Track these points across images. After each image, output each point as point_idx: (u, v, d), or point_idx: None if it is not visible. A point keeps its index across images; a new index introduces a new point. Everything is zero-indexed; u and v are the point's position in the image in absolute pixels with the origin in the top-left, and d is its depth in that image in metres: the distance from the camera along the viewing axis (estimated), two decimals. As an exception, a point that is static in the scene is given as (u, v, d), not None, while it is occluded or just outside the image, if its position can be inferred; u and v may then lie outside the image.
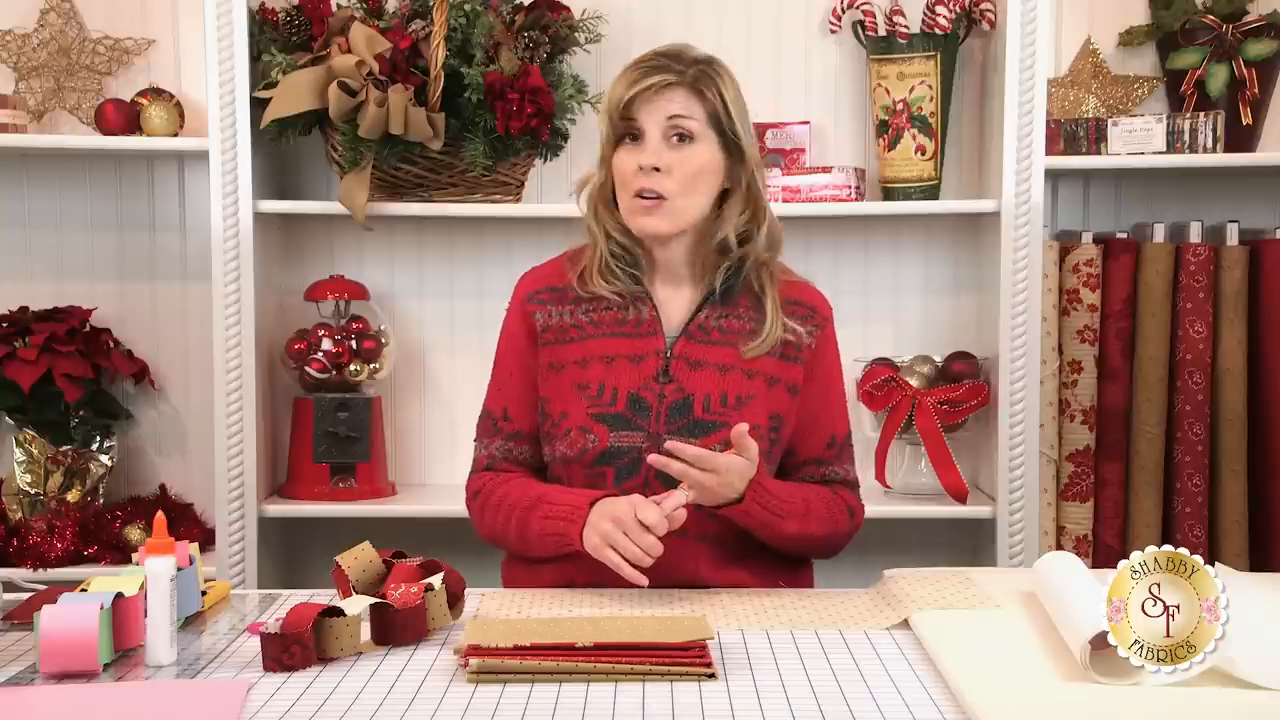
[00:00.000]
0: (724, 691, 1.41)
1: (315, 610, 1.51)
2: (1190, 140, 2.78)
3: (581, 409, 1.92)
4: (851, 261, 2.98)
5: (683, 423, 1.91)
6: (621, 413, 1.91)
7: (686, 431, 1.89)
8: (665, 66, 1.91)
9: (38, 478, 2.79)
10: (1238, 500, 2.79)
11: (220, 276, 2.68)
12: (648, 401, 1.92)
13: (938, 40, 2.81)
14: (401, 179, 2.74)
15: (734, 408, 1.91)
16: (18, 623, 1.67)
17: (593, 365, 1.94)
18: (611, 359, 1.94)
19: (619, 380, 1.93)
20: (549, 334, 1.98)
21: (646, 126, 1.91)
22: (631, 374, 1.93)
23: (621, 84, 1.91)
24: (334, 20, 2.73)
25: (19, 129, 2.78)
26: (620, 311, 1.96)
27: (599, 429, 1.91)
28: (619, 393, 1.92)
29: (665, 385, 1.93)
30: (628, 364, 1.94)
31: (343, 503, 2.77)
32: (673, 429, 1.90)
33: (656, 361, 1.94)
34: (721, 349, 1.94)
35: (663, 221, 1.91)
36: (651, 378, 1.93)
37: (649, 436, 1.90)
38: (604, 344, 1.95)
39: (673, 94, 1.90)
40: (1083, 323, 2.81)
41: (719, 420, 1.90)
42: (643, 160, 1.89)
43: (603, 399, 1.92)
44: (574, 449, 1.92)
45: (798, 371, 1.97)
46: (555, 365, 1.97)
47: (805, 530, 1.91)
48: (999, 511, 2.72)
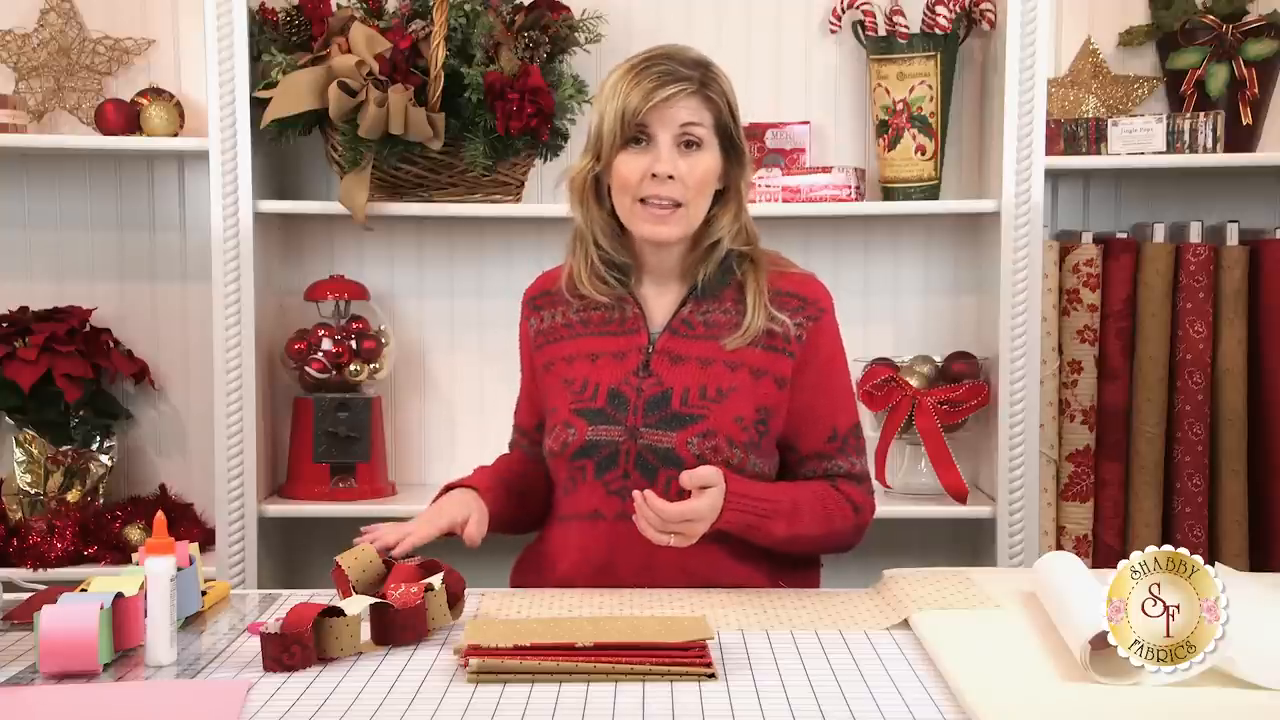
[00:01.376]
0: (724, 691, 1.41)
1: (315, 610, 1.51)
2: (1190, 140, 2.78)
3: (566, 404, 1.97)
4: (851, 261, 2.98)
5: (660, 416, 1.92)
6: (601, 407, 1.94)
7: (664, 425, 1.91)
8: (675, 73, 1.91)
9: (38, 478, 2.79)
10: (1238, 500, 2.79)
11: (220, 276, 2.68)
12: (626, 395, 1.94)
13: (938, 40, 2.81)
14: (401, 179, 2.74)
15: (713, 400, 1.92)
16: (18, 623, 1.67)
17: (578, 362, 1.98)
18: (596, 356, 1.98)
19: (601, 376, 1.96)
20: (541, 337, 2.04)
21: (658, 134, 1.91)
22: (613, 370, 1.96)
23: (636, 92, 1.89)
24: (334, 20, 2.73)
25: (19, 129, 2.78)
26: (607, 311, 2.00)
27: (579, 423, 1.94)
28: (600, 388, 1.95)
29: (644, 380, 1.94)
30: (611, 360, 1.97)
31: (343, 503, 2.77)
32: (650, 422, 1.92)
33: (638, 357, 1.96)
34: (704, 343, 1.96)
35: (674, 229, 1.93)
36: (632, 372, 1.95)
37: (627, 430, 1.92)
38: (591, 342, 1.99)
39: (685, 102, 1.91)
40: (1083, 323, 2.81)
41: (696, 413, 1.91)
42: (657, 169, 1.90)
43: (585, 394, 1.96)
44: (556, 443, 1.97)
45: (785, 364, 1.95)
46: (548, 365, 2.02)
47: (796, 531, 1.90)
48: (999, 511, 2.72)
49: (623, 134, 1.91)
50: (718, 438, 1.90)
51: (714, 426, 1.90)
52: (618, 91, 1.91)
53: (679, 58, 1.93)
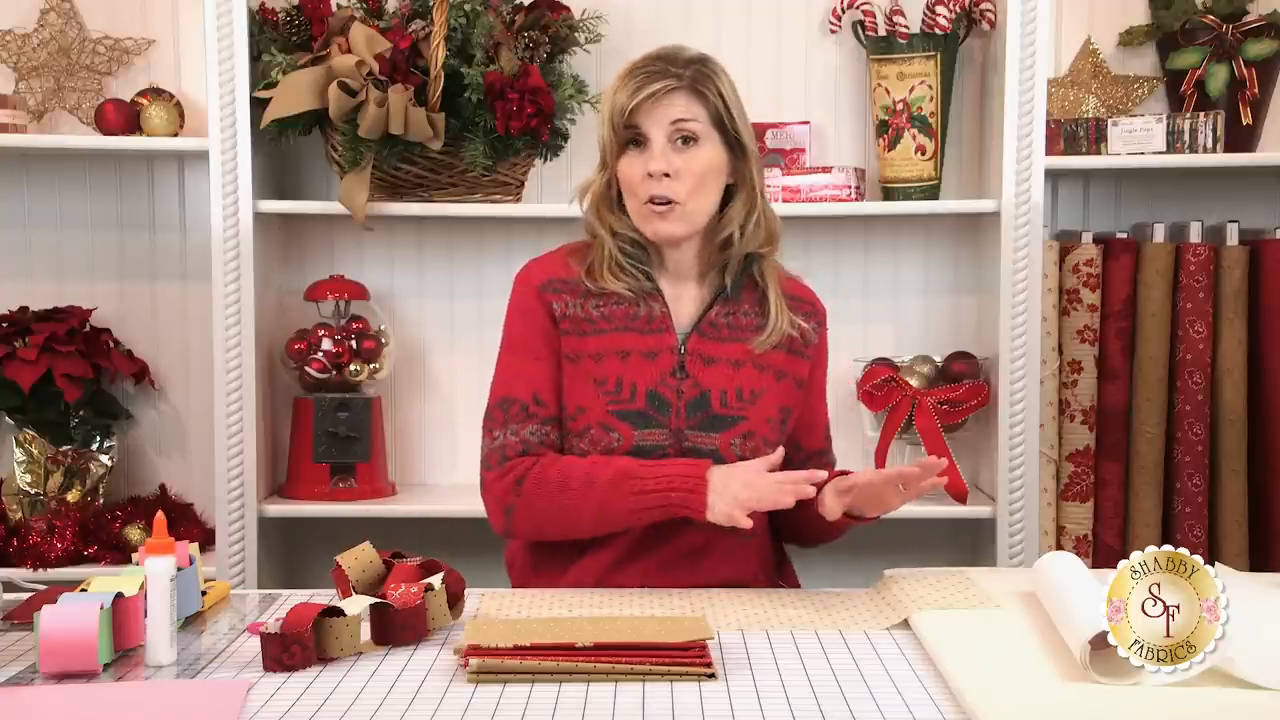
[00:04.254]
0: (724, 691, 1.41)
1: (315, 610, 1.51)
2: (1190, 140, 2.78)
3: (601, 406, 1.93)
4: (851, 261, 2.98)
5: (701, 418, 1.93)
6: (642, 410, 1.93)
7: (706, 427, 1.93)
8: (663, 71, 1.91)
9: (38, 478, 2.79)
10: (1238, 500, 2.79)
11: (220, 276, 2.68)
12: (666, 398, 1.93)
13: (938, 40, 2.81)
14: (401, 179, 2.74)
15: (748, 402, 1.95)
16: (18, 623, 1.67)
17: (608, 360, 1.94)
18: (626, 354, 1.95)
19: (636, 376, 1.94)
20: (566, 323, 1.95)
21: (650, 132, 1.91)
22: (648, 370, 1.94)
23: (623, 92, 1.91)
24: (334, 20, 2.73)
25: (19, 129, 2.78)
26: (632, 307, 1.97)
27: (622, 427, 1.92)
28: (637, 389, 1.93)
29: (682, 381, 1.94)
30: (642, 360, 1.95)
31: (343, 503, 2.77)
32: (692, 424, 1.93)
33: (672, 358, 1.95)
34: (732, 345, 1.97)
35: (676, 225, 1.93)
36: (668, 374, 1.95)
37: (670, 433, 1.92)
38: (618, 339, 1.95)
39: (674, 98, 1.91)
40: (1083, 323, 2.81)
41: (735, 414, 1.94)
42: (651, 167, 1.90)
43: (621, 395, 1.93)
44: (596, 446, 1.91)
45: (804, 366, 2.02)
46: (571, 356, 1.95)
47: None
48: (999, 511, 2.72)
49: (619, 137, 1.92)
50: (756, 438, 1.94)
51: (752, 427, 1.94)
52: (610, 97, 1.93)
53: (671, 57, 1.94)
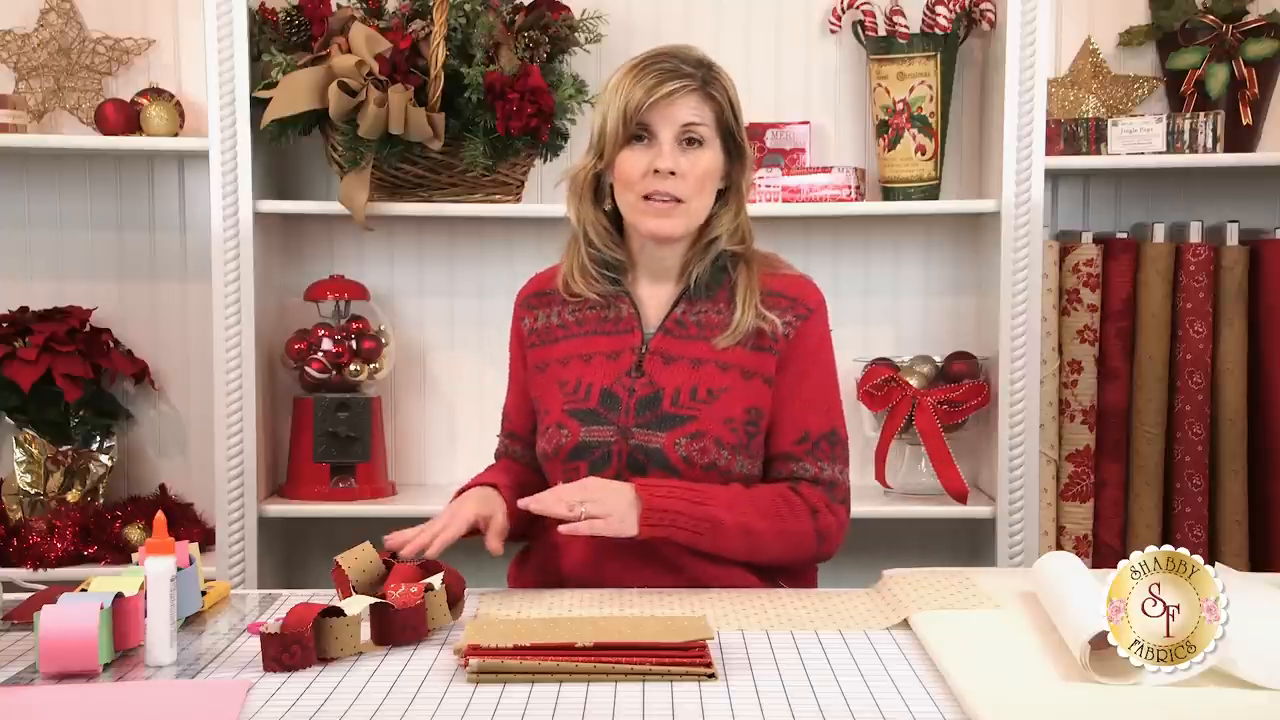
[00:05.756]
0: (724, 691, 1.40)
1: (315, 610, 1.51)
2: (1190, 140, 2.78)
3: (559, 405, 1.97)
4: (851, 261, 2.98)
5: (650, 417, 1.92)
6: (593, 408, 1.94)
7: (655, 425, 1.91)
8: (676, 70, 1.92)
9: (38, 478, 2.79)
10: (1238, 500, 2.79)
11: (220, 276, 2.68)
12: (618, 395, 1.94)
13: (938, 40, 2.81)
14: (401, 179, 2.74)
15: (703, 401, 1.92)
16: (18, 623, 1.67)
17: (572, 363, 1.99)
18: (589, 356, 1.98)
19: (594, 376, 1.96)
20: (534, 337, 2.04)
21: (660, 131, 1.92)
22: (607, 370, 1.96)
23: (638, 88, 1.90)
24: (334, 20, 2.73)
25: (19, 129, 2.78)
26: (602, 310, 2.00)
27: (571, 424, 1.95)
28: (593, 388, 1.96)
29: (636, 380, 1.95)
30: (604, 360, 1.97)
31: (343, 503, 2.77)
32: (641, 422, 1.92)
33: (631, 357, 1.96)
34: (697, 343, 1.96)
35: (677, 224, 1.93)
36: (625, 372, 1.96)
37: (618, 430, 1.93)
38: (585, 342, 1.99)
39: (687, 99, 1.92)
40: (1083, 323, 2.81)
41: (686, 414, 1.91)
42: (659, 164, 1.90)
43: (577, 395, 1.96)
44: (550, 444, 1.97)
45: (771, 362, 1.94)
46: (540, 365, 2.02)
47: (743, 520, 1.86)
48: (999, 511, 2.72)
49: (625, 131, 1.92)
50: (706, 439, 1.90)
51: (703, 427, 1.90)
52: (620, 89, 1.92)
53: (682, 56, 1.95)
